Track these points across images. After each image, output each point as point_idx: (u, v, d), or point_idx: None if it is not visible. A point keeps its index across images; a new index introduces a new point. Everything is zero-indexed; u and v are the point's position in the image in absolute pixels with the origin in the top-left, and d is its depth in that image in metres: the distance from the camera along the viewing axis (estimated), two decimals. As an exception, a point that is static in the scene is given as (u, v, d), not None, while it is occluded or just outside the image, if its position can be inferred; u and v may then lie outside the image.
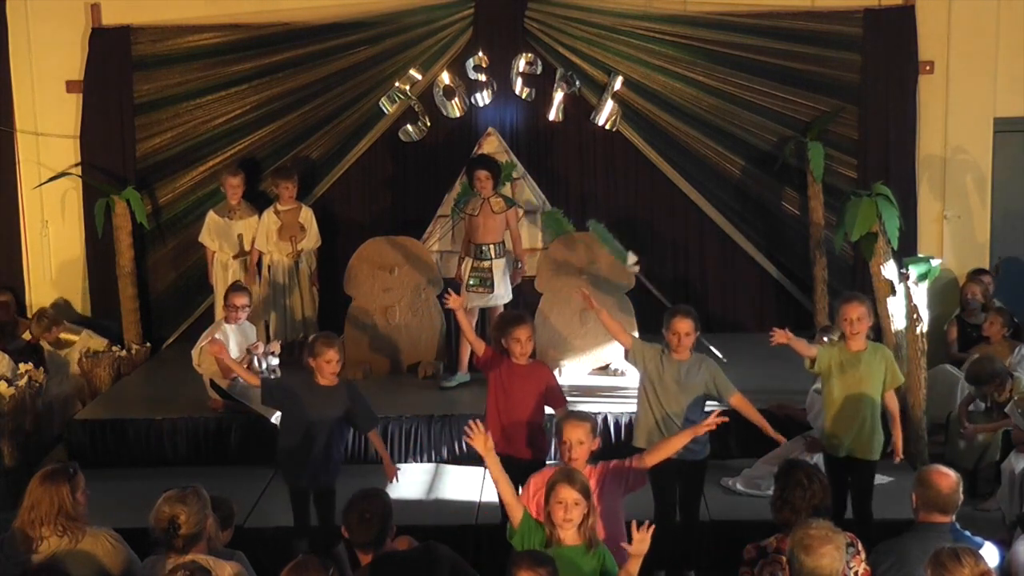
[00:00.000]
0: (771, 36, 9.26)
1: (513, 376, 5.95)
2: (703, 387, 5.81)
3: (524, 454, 5.88)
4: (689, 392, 5.77)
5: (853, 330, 5.82)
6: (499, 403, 5.95)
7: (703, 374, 5.82)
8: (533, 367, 6.03)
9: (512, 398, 5.92)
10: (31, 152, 9.66)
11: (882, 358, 5.88)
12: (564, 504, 4.37)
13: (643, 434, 5.85)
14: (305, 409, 5.83)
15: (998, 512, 6.57)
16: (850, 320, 5.80)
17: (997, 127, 9.48)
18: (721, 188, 9.50)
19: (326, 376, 5.87)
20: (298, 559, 4.08)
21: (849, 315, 5.80)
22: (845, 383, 5.83)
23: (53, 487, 4.50)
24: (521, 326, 5.94)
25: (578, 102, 9.30)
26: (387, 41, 9.35)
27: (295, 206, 8.86)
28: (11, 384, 7.61)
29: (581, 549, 4.40)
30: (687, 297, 9.17)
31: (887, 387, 5.88)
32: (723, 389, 5.85)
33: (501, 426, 5.91)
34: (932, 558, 3.92)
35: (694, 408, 5.79)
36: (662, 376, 5.80)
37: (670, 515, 5.85)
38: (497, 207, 7.98)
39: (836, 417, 5.87)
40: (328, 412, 5.83)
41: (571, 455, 4.87)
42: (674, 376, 5.78)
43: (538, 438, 5.96)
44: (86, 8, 9.44)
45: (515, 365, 5.96)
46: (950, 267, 9.36)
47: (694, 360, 5.85)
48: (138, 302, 9.45)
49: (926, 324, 7.09)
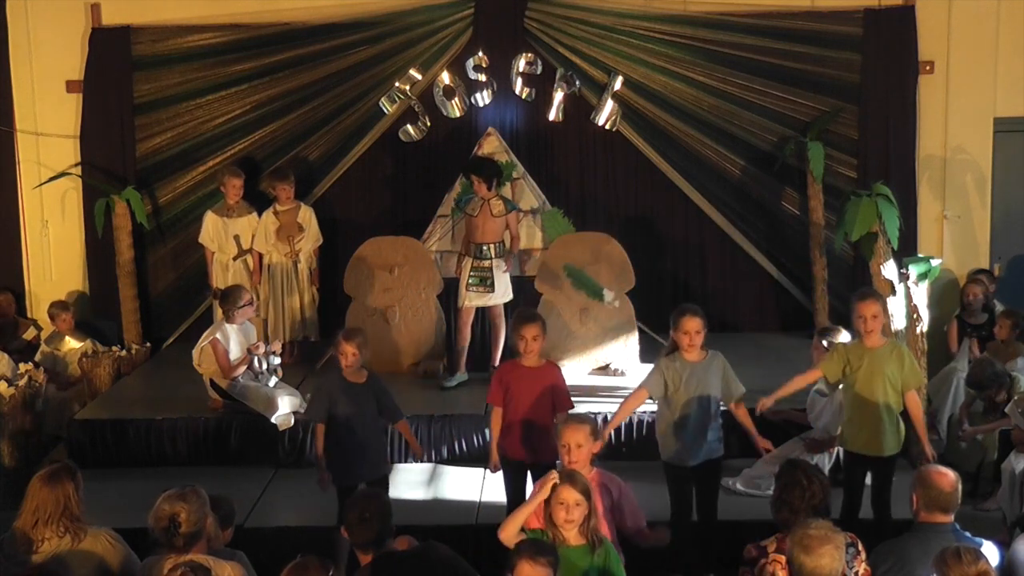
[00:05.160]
0: (771, 36, 9.26)
1: (520, 377, 5.93)
2: (719, 385, 5.80)
3: (533, 456, 5.86)
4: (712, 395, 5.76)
5: (868, 327, 5.79)
6: (507, 404, 5.94)
7: (717, 372, 5.80)
8: (541, 368, 5.99)
9: (518, 399, 5.90)
10: (31, 152, 9.66)
11: (899, 356, 5.83)
12: (565, 505, 4.38)
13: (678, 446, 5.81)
14: (341, 407, 5.91)
15: (998, 512, 6.57)
16: (865, 317, 5.78)
17: (997, 127, 9.48)
18: (721, 188, 9.50)
19: (345, 369, 5.94)
20: (298, 559, 4.07)
21: (864, 312, 5.78)
22: (860, 380, 5.81)
23: (58, 487, 4.51)
24: (528, 324, 5.92)
25: (578, 102, 9.30)
26: (387, 41, 9.36)
27: (294, 206, 8.87)
28: (11, 384, 7.61)
29: (584, 549, 4.41)
30: (687, 297, 9.17)
31: (906, 387, 5.83)
32: (731, 390, 5.84)
33: (510, 427, 5.92)
34: (937, 557, 3.95)
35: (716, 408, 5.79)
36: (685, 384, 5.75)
37: (687, 516, 5.85)
38: (496, 210, 7.97)
39: (852, 414, 5.87)
40: (363, 406, 5.94)
41: (571, 458, 4.86)
42: (696, 382, 5.75)
43: (545, 440, 5.93)
44: (86, 8, 9.44)
45: (522, 366, 5.94)
46: (950, 267, 9.36)
47: (709, 359, 5.83)
48: (138, 302, 9.46)
49: (926, 324, 7.09)
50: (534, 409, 5.88)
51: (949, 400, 7.85)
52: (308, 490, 6.86)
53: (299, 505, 6.82)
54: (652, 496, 5.82)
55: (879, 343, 5.85)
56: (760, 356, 8.61)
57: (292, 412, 7.40)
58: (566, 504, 4.38)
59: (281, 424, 7.34)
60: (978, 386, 7.24)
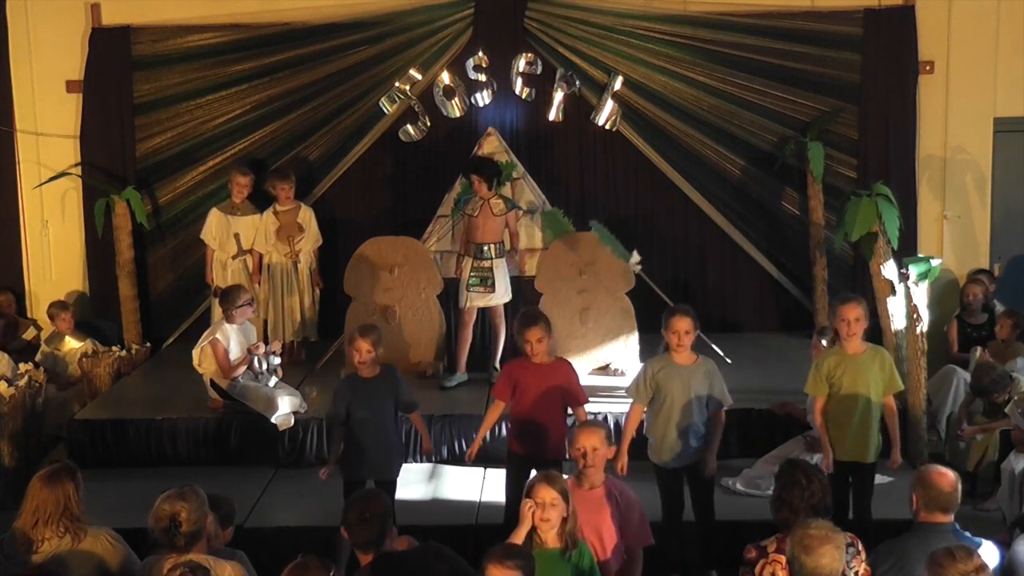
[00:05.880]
0: (771, 36, 9.26)
1: (529, 375, 5.93)
2: (707, 390, 5.79)
3: (540, 454, 5.86)
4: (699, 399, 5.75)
5: (850, 331, 5.76)
6: (515, 400, 5.95)
7: (705, 378, 5.80)
8: (552, 366, 5.98)
9: (526, 394, 5.91)
10: (31, 152, 9.66)
11: (881, 362, 5.83)
12: (541, 504, 4.37)
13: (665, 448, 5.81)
14: (355, 405, 5.92)
15: (998, 512, 6.57)
16: (847, 321, 5.76)
17: (997, 127, 9.48)
18: (721, 188, 9.50)
19: (357, 366, 5.94)
20: (298, 559, 4.07)
21: (846, 316, 5.76)
22: (844, 388, 5.80)
23: (58, 487, 4.51)
24: (532, 328, 5.91)
25: (578, 102, 9.30)
26: (387, 41, 9.36)
27: (293, 206, 8.86)
28: (11, 384, 7.61)
29: (556, 553, 4.40)
30: (687, 297, 9.16)
31: (885, 392, 5.83)
32: (717, 398, 5.83)
33: (520, 424, 5.92)
34: (928, 560, 3.92)
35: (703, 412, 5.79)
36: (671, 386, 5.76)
37: (678, 516, 5.85)
38: (496, 209, 7.98)
39: (834, 419, 5.85)
40: (375, 403, 5.93)
41: (587, 462, 4.84)
42: (683, 385, 5.75)
43: (555, 438, 5.92)
44: (86, 8, 9.44)
45: (532, 364, 5.94)
46: (950, 267, 9.36)
47: (699, 364, 5.83)
48: (138, 302, 9.47)
49: (926, 324, 7.09)
50: (542, 405, 5.88)
51: (949, 400, 7.85)
52: (308, 490, 6.88)
53: (299, 505, 6.82)
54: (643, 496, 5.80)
55: (861, 349, 5.82)
56: (760, 356, 8.62)
57: (292, 412, 7.40)
58: (542, 503, 4.37)
59: (281, 424, 7.34)
60: (982, 392, 7.21)
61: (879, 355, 5.87)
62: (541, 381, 5.90)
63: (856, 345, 5.81)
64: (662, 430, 5.78)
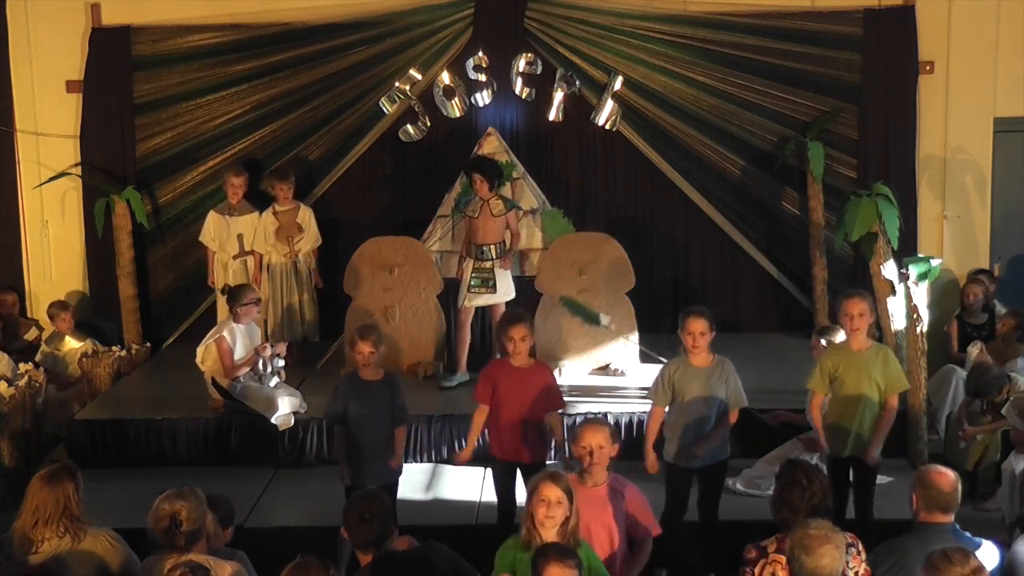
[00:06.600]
0: (771, 36, 9.26)
1: (509, 377, 5.90)
2: (724, 391, 5.77)
3: (523, 456, 5.86)
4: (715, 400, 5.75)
5: (854, 326, 5.77)
6: (496, 405, 5.92)
7: (722, 378, 5.77)
8: (531, 369, 5.97)
9: (507, 399, 5.87)
10: (31, 152, 9.66)
11: (884, 360, 5.83)
12: (547, 502, 4.35)
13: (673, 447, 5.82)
14: (353, 407, 5.91)
15: (998, 512, 6.56)
16: (851, 316, 5.76)
17: (997, 127, 9.48)
18: (721, 188, 9.50)
19: (361, 368, 5.93)
20: (298, 559, 4.06)
21: (851, 311, 5.77)
22: (847, 384, 5.80)
23: (58, 487, 4.50)
24: (516, 325, 5.89)
25: (578, 102, 9.30)
26: (387, 41, 9.36)
27: (293, 206, 8.86)
28: (11, 384, 7.61)
29: None
30: (686, 297, 9.17)
31: (888, 391, 5.83)
32: (733, 400, 5.81)
33: (499, 428, 5.90)
34: (925, 562, 3.90)
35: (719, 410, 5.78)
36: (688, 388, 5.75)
37: (679, 515, 5.84)
38: (496, 210, 7.97)
39: (837, 417, 5.86)
40: (376, 406, 5.91)
41: (592, 459, 4.81)
42: (699, 386, 5.74)
43: (536, 440, 5.92)
44: (86, 8, 9.44)
45: (512, 367, 5.92)
46: (950, 267, 9.35)
47: (715, 363, 5.81)
48: (138, 302, 9.47)
49: (926, 324, 7.09)
50: (524, 410, 5.85)
51: (949, 399, 7.84)
52: (308, 490, 6.90)
53: (299, 505, 6.83)
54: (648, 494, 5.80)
55: (865, 345, 5.83)
56: (760, 356, 8.62)
57: (292, 412, 7.40)
58: (547, 501, 4.35)
59: (281, 424, 7.34)
60: (977, 393, 7.21)
61: (883, 353, 5.88)
62: (523, 385, 5.87)
63: (860, 341, 5.82)
64: (680, 430, 5.77)
